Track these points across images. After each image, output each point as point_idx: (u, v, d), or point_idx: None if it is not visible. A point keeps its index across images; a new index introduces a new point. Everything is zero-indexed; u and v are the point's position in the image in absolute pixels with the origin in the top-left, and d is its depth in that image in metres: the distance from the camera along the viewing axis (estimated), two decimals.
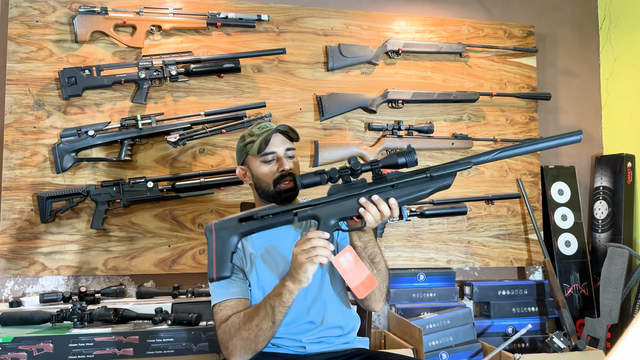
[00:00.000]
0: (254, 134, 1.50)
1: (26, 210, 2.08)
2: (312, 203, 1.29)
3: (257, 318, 1.31)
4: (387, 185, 1.27)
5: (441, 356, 2.12)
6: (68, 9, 2.15)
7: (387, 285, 1.45)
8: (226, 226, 1.29)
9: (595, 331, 2.33)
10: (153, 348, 1.68)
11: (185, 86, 2.23)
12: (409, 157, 1.26)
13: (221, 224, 1.30)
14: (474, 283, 2.42)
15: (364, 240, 1.35)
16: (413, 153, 1.26)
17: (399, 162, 1.27)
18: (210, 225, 1.30)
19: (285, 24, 2.35)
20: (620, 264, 2.30)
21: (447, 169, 1.27)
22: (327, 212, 1.26)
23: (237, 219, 1.29)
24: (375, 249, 1.38)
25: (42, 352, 1.61)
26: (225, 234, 1.28)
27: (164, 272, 2.18)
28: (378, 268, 1.38)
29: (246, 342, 1.32)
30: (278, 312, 1.29)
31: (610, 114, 2.74)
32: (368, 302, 1.43)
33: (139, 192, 2.09)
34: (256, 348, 1.33)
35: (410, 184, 1.27)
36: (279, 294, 1.28)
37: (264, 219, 1.28)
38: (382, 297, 1.43)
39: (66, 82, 2.08)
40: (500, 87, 2.56)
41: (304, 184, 1.27)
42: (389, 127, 2.36)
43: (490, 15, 2.66)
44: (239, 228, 1.29)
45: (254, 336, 1.30)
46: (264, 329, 1.30)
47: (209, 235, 1.29)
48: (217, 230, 1.29)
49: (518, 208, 2.55)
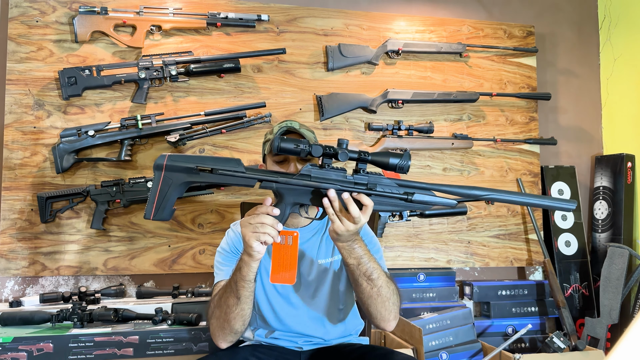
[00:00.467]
0: (273, 132, 1.46)
1: (26, 210, 2.08)
2: (279, 178, 1.19)
3: (224, 296, 1.29)
4: (363, 190, 1.18)
5: (441, 356, 2.12)
6: (68, 9, 2.15)
7: (396, 302, 1.34)
8: (179, 169, 1.16)
9: (595, 331, 2.33)
10: (153, 348, 1.68)
11: (185, 86, 2.23)
12: (403, 161, 1.18)
13: (174, 165, 1.16)
14: (474, 283, 2.42)
15: (355, 256, 1.26)
16: (408, 159, 1.19)
17: (390, 163, 1.19)
18: (163, 158, 1.16)
19: (285, 24, 2.35)
20: (620, 264, 2.30)
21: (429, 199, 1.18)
22: (291, 192, 1.19)
23: (194, 166, 1.16)
24: (370, 264, 1.28)
25: (42, 352, 1.61)
26: (175, 177, 1.16)
27: (164, 272, 2.18)
28: (378, 285, 1.28)
29: (219, 321, 1.31)
30: (241, 287, 1.25)
31: (610, 114, 2.74)
32: (375, 322, 1.35)
33: (139, 192, 2.09)
34: (230, 328, 1.30)
35: (387, 198, 1.18)
36: (238, 268, 1.25)
37: (224, 177, 1.17)
38: (389, 315, 1.33)
39: (66, 82, 2.08)
40: (500, 87, 2.56)
41: (281, 147, 1.17)
42: (389, 127, 2.36)
43: (490, 15, 2.66)
44: (192, 176, 1.16)
45: (224, 314, 1.29)
46: (230, 305, 1.27)
47: (157, 172, 1.16)
48: (167, 169, 1.16)
49: (518, 208, 2.55)
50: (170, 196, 1.16)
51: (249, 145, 2.27)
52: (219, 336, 1.34)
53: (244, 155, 2.26)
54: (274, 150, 1.18)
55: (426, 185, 1.21)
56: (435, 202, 1.19)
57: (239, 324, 1.31)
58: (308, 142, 1.19)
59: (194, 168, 1.15)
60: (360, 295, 1.32)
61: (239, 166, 1.18)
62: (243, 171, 1.17)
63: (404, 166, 1.18)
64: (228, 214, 2.24)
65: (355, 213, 1.16)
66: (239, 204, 2.08)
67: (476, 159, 2.52)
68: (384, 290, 1.30)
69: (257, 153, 2.27)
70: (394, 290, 1.34)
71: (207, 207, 2.22)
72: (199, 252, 2.20)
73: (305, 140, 1.19)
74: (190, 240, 2.20)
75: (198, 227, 2.21)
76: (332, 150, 1.18)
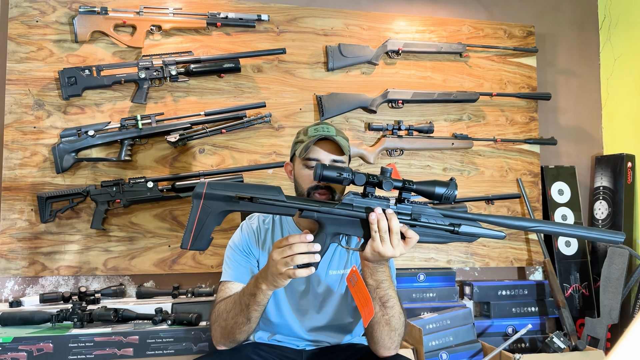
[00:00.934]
0: (307, 134, 1.41)
1: (26, 210, 2.07)
2: (321, 207, 1.15)
3: (233, 311, 1.27)
4: (407, 220, 1.14)
5: (441, 356, 2.12)
6: (68, 9, 2.15)
7: (402, 334, 1.30)
8: (218, 197, 1.13)
9: (595, 331, 2.33)
10: (153, 348, 1.68)
11: (185, 86, 2.23)
12: (449, 191, 1.13)
13: (213, 194, 1.13)
14: (474, 283, 2.42)
15: (377, 279, 1.22)
16: (454, 188, 1.13)
17: (436, 194, 1.13)
18: (202, 187, 1.13)
19: (285, 24, 2.35)
20: (620, 264, 2.30)
21: (477, 231, 1.14)
22: (333, 222, 1.14)
23: (234, 194, 1.12)
24: (389, 292, 1.23)
25: (42, 352, 1.61)
26: (215, 206, 1.13)
27: (164, 272, 2.18)
28: (390, 314, 1.24)
29: (224, 331, 1.30)
30: (253, 310, 1.23)
31: (610, 114, 2.74)
32: (375, 347, 1.30)
33: (139, 192, 2.09)
34: (234, 339, 1.30)
35: (432, 229, 1.14)
36: (252, 294, 1.21)
37: (264, 205, 1.13)
38: (391, 344, 1.28)
39: (66, 82, 2.08)
40: (500, 87, 2.56)
41: (323, 175, 1.14)
42: (389, 127, 2.36)
43: (491, 15, 2.66)
44: (231, 205, 1.13)
45: (231, 327, 1.28)
46: (239, 323, 1.26)
47: (196, 200, 1.13)
48: (206, 198, 1.13)
49: (518, 208, 2.55)
50: (208, 225, 1.13)
51: (249, 145, 2.27)
52: (220, 342, 1.33)
53: (243, 155, 2.26)
54: (315, 178, 1.15)
55: (472, 216, 1.17)
56: (483, 235, 1.15)
57: (243, 337, 1.30)
58: (351, 171, 1.15)
59: (233, 197, 1.12)
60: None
61: (280, 194, 1.15)
62: (284, 200, 1.14)
63: (450, 196, 1.14)
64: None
65: (396, 243, 1.12)
66: None
67: (476, 159, 2.52)
68: (394, 320, 1.26)
69: (257, 153, 2.27)
70: (404, 322, 1.29)
71: None
72: (199, 252, 2.20)
73: (348, 169, 1.16)
74: None
75: None
76: (375, 179, 1.15)
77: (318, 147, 1.36)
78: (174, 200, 2.15)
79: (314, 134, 1.38)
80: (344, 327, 1.45)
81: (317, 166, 1.15)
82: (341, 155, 1.37)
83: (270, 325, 1.43)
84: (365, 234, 1.16)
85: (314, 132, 1.39)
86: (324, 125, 1.41)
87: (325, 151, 1.36)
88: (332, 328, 1.43)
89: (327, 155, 1.36)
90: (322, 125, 1.41)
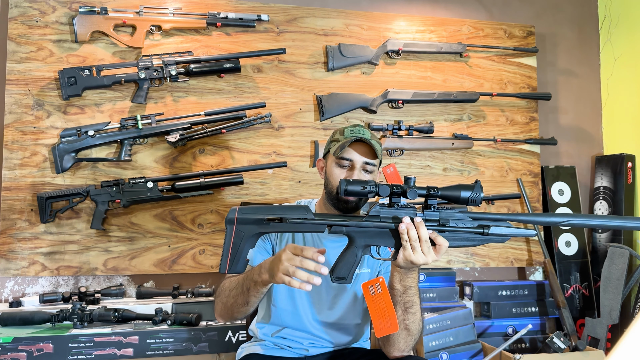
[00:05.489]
0: (343, 134, 1.44)
1: (26, 210, 2.07)
2: (349, 222, 1.17)
3: (235, 291, 1.31)
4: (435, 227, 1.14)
5: (441, 356, 2.12)
6: (68, 9, 2.15)
7: (416, 339, 1.33)
8: (250, 221, 1.17)
9: (595, 331, 2.33)
10: (153, 348, 1.68)
11: (185, 86, 2.23)
12: (475, 193, 1.11)
13: (245, 218, 1.17)
14: (474, 283, 2.42)
15: (405, 284, 1.23)
16: (480, 191, 1.12)
17: (462, 198, 1.12)
18: (234, 212, 1.17)
19: (285, 24, 2.35)
20: (620, 264, 2.30)
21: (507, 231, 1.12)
22: (362, 234, 1.16)
23: (264, 217, 1.16)
24: (414, 299, 1.25)
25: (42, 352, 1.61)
26: (247, 230, 1.17)
27: (164, 272, 2.17)
28: (410, 320, 1.26)
29: (224, 307, 1.34)
30: (252, 296, 1.28)
31: (610, 114, 2.74)
32: (388, 348, 1.32)
33: (139, 192, 2.09)
34: (232, 316, 1.35)
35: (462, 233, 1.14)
36: (255, 281, 1.24)
37: (294, 224, 1.17)
38: (406, 347, 1.31)
39: (66, 82, 2.08)
40: (500, 87, 2.56)
41: (348, 190, 1.15)
42: (389, 127, 2.35)
43: (491, 15, 2.66)
44: (263, 227, 1.17)
45: (230, 305, 1.32)
46: (238, 303, 1.31)
47: (229, 226, 1.17)
48: (239, 223, 1.17)
49: (518, 208, 2.55)
50: (243, 249, 1.17)
51: (249, 146, 2.27)
52: (220, 316, 1.39)
53: (243, 155, 2.26)
54: (341, 194, 1.16)
55: (501, 217, 1.16)
56: (514, 234, 1.15)
57: (240, 316, 1.36)
58: (375, 183, 1.16)
59: (263, 219, 1.16)
60: None
61: (308, 213, 1.17)
62: (312, 217, 1.16)
63: (476, 199, 1.12)
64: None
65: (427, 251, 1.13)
66: (239, 204, 2.07)
67: (476, 159, 2.51)
68: (414, 325, 1.28)
69: (257, 153, 2.27)
70: (421, 329, 1.32)
71: (207, 207, 2.22)
72: (199, 252, 2.20)
73: (372, 182, 1.16)
74: (190, 241, 2.20)
75: (198, 227, 2.21)
76: (399, 188, 1.15)
77: (352, 149, 1.39)
78: (174, 200, 2.15)
79: (350, 135, 1.41)
80: (350, 329, 1.45)
81: (341, 182, 1.17)
82: (374, 158, 1.41)
83: (279, 315, 1.43)
84: (396, 243, 1.17)
85: (350, 134, 1.42)
86: (360, 128, 1.44)
87: (358, 153, 1.40)
88: (340, 327, 1.44)
89: (360, 157, 1.40)
90: (358, 127, 1.45)
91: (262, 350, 1.43)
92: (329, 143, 1.48)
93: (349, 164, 1.40)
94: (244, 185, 2.21)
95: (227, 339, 1.81)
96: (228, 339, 1.81)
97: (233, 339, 1.82)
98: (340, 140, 1.42)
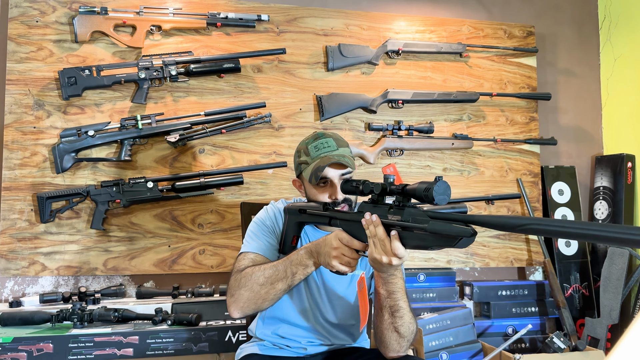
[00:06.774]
0: (309, 155, 1.40)
1: (26, 210, 2.07)
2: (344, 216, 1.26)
3: (273, 277, 1.29)
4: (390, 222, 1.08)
5: (441, 356, 2.12)
6: (68, 9, 2.15)
7: (410, 340, 1.32)
8: (291, 212, 1.41)
9: (595, 331, 2.33)
10: (153, 348, 1.68)
11: (185, 86, 2.23)
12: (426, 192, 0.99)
13: (290, 209, 1.41)
14: (474, 283, 2.42)
15: (388, 289, 1.22)
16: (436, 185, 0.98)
17: (417, 193, 1.02)
18: (287, 205, 1.43)
19: (285, 24, 2.35)
20: (620, 264, 2.30)
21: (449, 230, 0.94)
22: (348, 228, 1.22)
23: (298, 208, 1.39)
24: (399, 303, 1.24)
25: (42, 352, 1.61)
26: (291, 218, 1.40)
27: (164, 272, 2.18)
28: (399, 323, 1.26)
29: (255, 295, 1.30)
30: (297, 279, 1.30)
31: (610, 114, 2.74)
32: (384, 350, 1.33)
33: (139, 192, 2.09)
34: (261, 305, 1.32)
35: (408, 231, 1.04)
36: (304, 265, 1.29)
37: (311, 216, 1.37)
38: (400, 348, 1.30)
39: (66, 82, 2.08)
40: (500, 87, 2.56)
41: (345, 189, 1.26)
42: (389, 127, 2.35)
43: (491, 15, 2.66)
44: (297, 217, 1.39)
45: (265, 293, 1.29)
46: (277, 289, 1.29)
47: (285, 215, 1.42)
48: (286, 212, 1.41)
49: (518, 208, 2.55)
50: (290, 234, 1.41)
51: (248, 146, 2.27)
52: (242, 307, 1.32)
53: (243, 155, 2.26)
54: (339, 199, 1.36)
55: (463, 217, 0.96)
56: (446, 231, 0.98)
57: (267, 305, 1.33)
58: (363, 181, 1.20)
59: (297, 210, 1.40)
60: (378, 323, 1.30)
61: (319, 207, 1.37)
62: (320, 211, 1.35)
63: (428, 195, 0.99)
64: (228, 214, 2.23)
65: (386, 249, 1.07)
66: (239, 204, 2.07)
67: (476, 159, 2.51)
68: (403, 328, 1.27)
69: (257, 153, 2.27)
70: (413, 330, 1.30)
71: (207, 207, 2.22)
72: (199, 252, 2.20)
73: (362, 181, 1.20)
74: (190, 241, 2.20)
75: (198, 227, 2.21)
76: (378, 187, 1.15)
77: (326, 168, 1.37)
78: (174, 200, 2.15)
79: (316, 155, 1.38)
80: (347, 328, 1.46)
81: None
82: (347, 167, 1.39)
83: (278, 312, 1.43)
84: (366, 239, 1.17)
85: (315, 152, 1.39)
86: (323, 140, 1.40)
87: (333, 169, 1.38)
88: (339, 327, 1.44)
89: (335, 171, 1.38)
90: (321, 140, 1.40)
91: (260, 351, 1.43)
92: (297, 165, 1.45)
93: (327, 182, 1.39)
94: (244, 185, 2.21)
95: (227, 339, 1.81)
96: (228, 339, 1.81)
97: (233, 339, 1.82)
98: (309, 162, 1.39)
